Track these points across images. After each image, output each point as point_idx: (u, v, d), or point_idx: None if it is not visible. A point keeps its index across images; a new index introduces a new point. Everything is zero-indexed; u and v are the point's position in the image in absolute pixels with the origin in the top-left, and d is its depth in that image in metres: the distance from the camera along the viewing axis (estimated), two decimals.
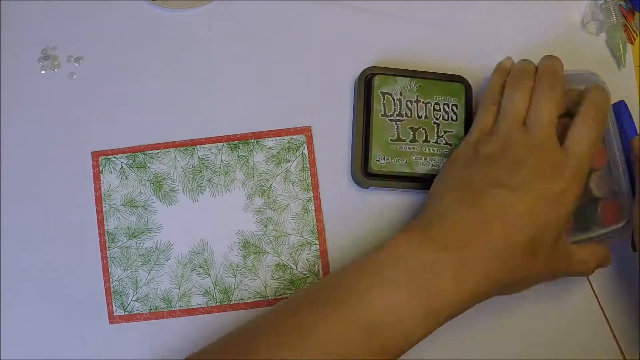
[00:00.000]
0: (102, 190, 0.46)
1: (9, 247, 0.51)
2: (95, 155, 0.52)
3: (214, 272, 0.47)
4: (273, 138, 0.46)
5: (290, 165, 0.47)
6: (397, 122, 0.52)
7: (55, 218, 0.51)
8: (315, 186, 0.48)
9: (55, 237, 0.51)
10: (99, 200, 0.51)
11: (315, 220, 0.48)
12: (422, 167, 0.51)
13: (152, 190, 0.46)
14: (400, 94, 0.52)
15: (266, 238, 0.47)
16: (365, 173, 0.51)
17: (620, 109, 0.51)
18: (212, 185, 0.47)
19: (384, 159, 0.51)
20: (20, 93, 0.53)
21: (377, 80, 0.52)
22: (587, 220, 0.50)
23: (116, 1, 0.55)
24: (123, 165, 0.46)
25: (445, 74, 0.54)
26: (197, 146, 0.47)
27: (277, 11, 0.56)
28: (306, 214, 0.48)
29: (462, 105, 0.53)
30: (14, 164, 0.52)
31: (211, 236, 0.48)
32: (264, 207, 0.47)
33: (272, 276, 0.47)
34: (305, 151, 0.45)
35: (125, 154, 0.47)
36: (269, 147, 0.47)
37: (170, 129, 0.53)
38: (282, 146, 0.47)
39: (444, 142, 0.52)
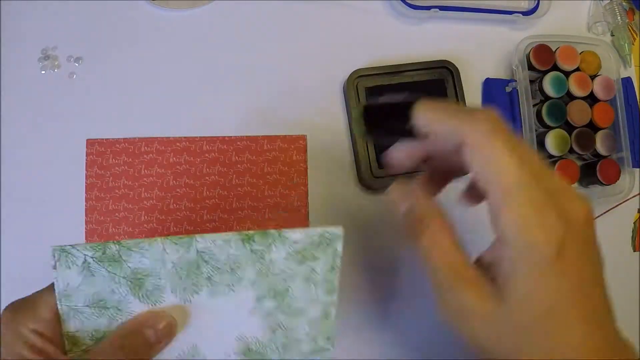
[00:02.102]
0: (57, 289, 0.34)
1: (9, 246, 0.51)
2: (90, 142, 0.52)
3: None
4: (300, 231, 0.36)
5: (317, 264, 0.37)
6: None
7: (49, 209, 0.52)
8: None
9: (48, 224, 0.51)
10: (88, 187, 0.51)
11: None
12: None
13: (129, 289, 0.34)
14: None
15: (272, 345, 0.38)
16: (374, 176, 0.52)
17: (628, 83, 0.57)
18: (211, 284, 0.36)
19: None
20: (20, 93, 0.53)
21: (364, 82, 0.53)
22: (589, 177, 0.56)
23: (116, 1, 0.55)
24: (87, 258, 0.34)
25: (430, 61, 0.55)
26: (197, 237, 0.35)
27: (276, 11, 0.56)
28: (326, 319, 0.38)
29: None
30: (14, 163, 0.52)
31: (205, 341, 0.37)
32: (275, 311, 0.37)
33: None
34: (339, 248, 0.35)
35: (91, 245, 0.34)
36: (294, 242, 0.36)
37: (169, 129, 0.53)
38: (311, 240, 0.36)
39: None
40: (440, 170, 0.35)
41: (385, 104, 0.31)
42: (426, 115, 0.30)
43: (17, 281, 0.51)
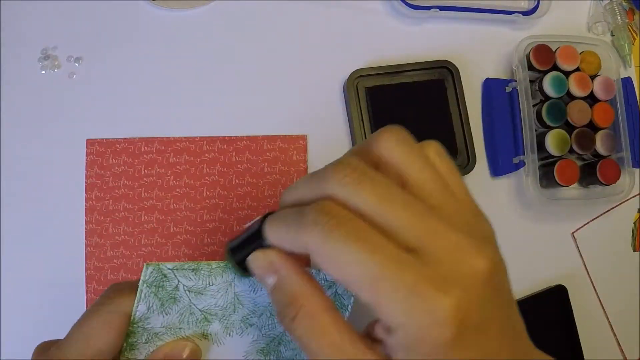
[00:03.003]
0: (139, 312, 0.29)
1: (9, 246, 0.51)
2: (90, 142, 0.52)
3: None
4: None
5: None
6: None
7: (49, 209, 0.52)
8: None
9: (48, 224, 0.51)
10: (88, 187, 0.51)
11: None
12: None
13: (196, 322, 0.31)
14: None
15: None
16: None
17: (628, 83, 0.57)
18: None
19: None
20: (20, 93, 0.53)
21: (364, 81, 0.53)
22: (589, 177, 0.55)
23: (116, 1, 0.55)
24: (180, 286, 0.30)
25: (430, 61, 0.55)
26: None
27: (277, 11, 0.56)
28: None
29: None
30: (14, 163, 0.52)
31: None
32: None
33: None
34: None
35: (184, 271, 0.30)
36: None
37: (169, 129, 0.53)
38: None
39: None
40: None
41: (244, 237, 0.28)
42: (272, 235, 0.26)
43: (17, 282, 0.51)
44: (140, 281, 0.29)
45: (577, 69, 0.56)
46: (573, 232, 0.57)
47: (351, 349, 0.24)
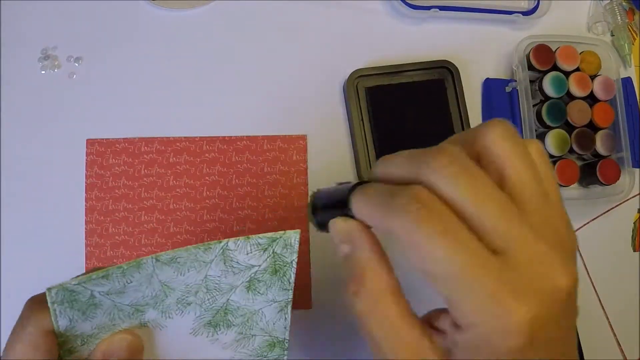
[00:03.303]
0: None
1: (9, 246, 0.51)
2: (90, 142, 0.52)
3: None
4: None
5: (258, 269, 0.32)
6: None
7: (49, 209, 0.52)
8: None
9: (48, 224, 0.51)
10: (88, 187, 0.52)
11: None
12: None
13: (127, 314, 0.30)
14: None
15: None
16: None
17: (628, 83, 0.57)
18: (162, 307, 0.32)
19: None
20: (20, 93, 0.53)
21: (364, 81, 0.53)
22: (589, 177, 0.55)
23: (116, 1, 0.55)
24: (95, 293, 0.29)
25: (430, 61, 0.55)
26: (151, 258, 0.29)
27: (276, 11, 0.56)
28: (282, 314, 0.34)
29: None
30: (14, 163, 0.52)
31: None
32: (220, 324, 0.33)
33: None
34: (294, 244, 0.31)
35: (95, 278, 0.28)
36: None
37: (169, 129, 0.53)
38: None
39: None
40: None
41: (330, 200, 0.28)
42: (359, 209, 0.26)
43: (17, 281, 0.51)
44: (49, 303, 0.28)
45: (577, 69, 0.56)
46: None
47: (409, 334, 0.24)
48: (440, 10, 0.56)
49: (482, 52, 0.58)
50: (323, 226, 0.28)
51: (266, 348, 0.34)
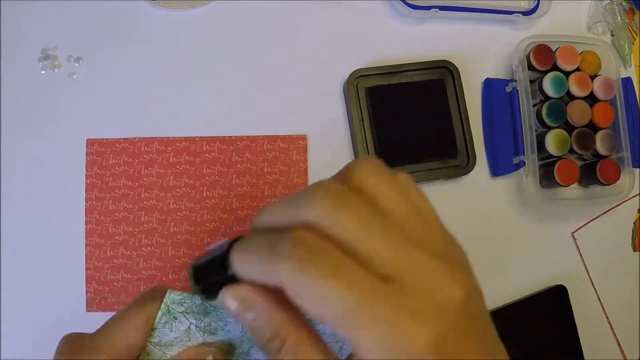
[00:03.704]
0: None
1: (9, 246, 0.51)
2: (90, 142, 0.52)
3: None
4: None
5: None
6: None
7: (49, 209, 0.52)
8: None
9: (48, 224, 0.51)
10: (88, 187, 0.51)
11: None
12: None
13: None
14: None
15: None
16: None
17: (628, 83, 0.57)
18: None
19: None
20: (20, 93, 0.53)
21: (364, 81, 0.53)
22: (589, 177, 0.55)
23: (116, 1, 0.55)
24: (192, 326, 0.30)
25: (430, 61, 0.55)
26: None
27: (277, 11, 0.56)
28: None
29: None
30: (14, 163, 0.52)
31: None
32: None
33: None
34: None
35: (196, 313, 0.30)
36: None
37: (169, 129, 0.53)
38: None
39: None
40: None
41: (209, 263, 0.27)
42: (241, 270, 0.24)
43: (17, 281, 0.51)
44: (164, 300, 0.29)
45: (577, 69, 0.56)
46: (573, 232, 0.57)
47: None
48: (440, 10, 0.56)
49: (482, 52, 0.58)
50: (213, 295, 0.26)
51: None
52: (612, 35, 0.60)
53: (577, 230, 0.57)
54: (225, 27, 0.55)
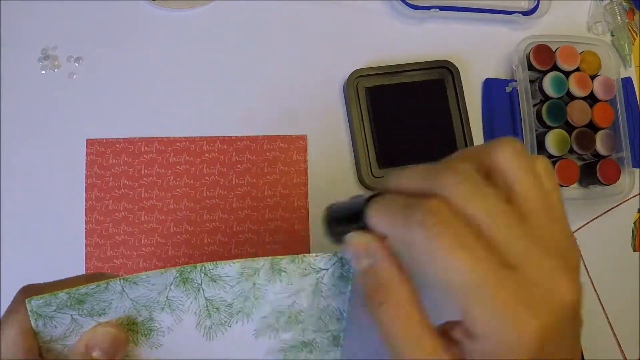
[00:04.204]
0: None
1: (9, 246, 0.51)
2: (90, 142, 0.52)
3: None
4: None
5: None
6: None
7: (49, 209, 0.52)
8: None
9: (48, 224, 0.51)
10: (88, 187, 0.52)
11: None
12: None
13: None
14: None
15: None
16: (374, 176, 0.52)
17: (628, 83, 0.57)
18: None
19: None
20: (20, 93, 0.53)
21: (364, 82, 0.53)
22: (589, 177, 0.55)
23: (116, 1, 0.55)
24: (75, 316, 0.29)
25: (430, 61, 0.55)
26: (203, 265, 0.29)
27: (277, 11, 0.56)
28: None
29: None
30: (14, 163, 0.52)
31: None
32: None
33: None
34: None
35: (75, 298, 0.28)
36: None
37: (169, 129, 0.53)
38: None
39: None
40: None
41: (345, 213, 0.29)
42: (376, 221, 0.26)
43: (17, 281, 0.51)
44: (28, 310, 0.28)
45: (577, 69, 0.56)
46: (573, 232, 0.57)
47: (430, 344, 0.25)
48: (440, 10, 0.56)
49: (482, 52, 0.58)
50: (339, 239, 0.28)
51: None
52: (612, 35, 0.60)
53: (577, 230, 0.57)
54: (225, 27, 0.55)
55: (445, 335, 0.26)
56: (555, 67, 0.55)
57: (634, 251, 0.51)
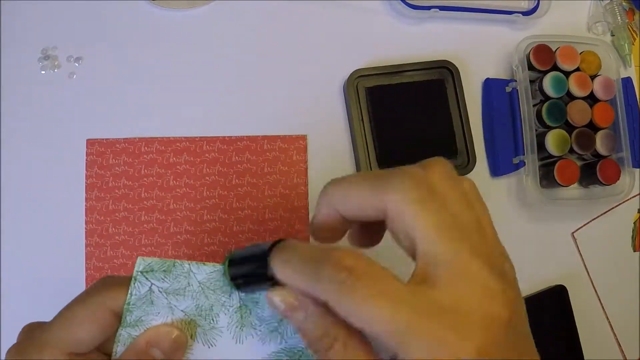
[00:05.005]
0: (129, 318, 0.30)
1: (9, 245, 0.51)
2: (90, 142, 0.52)
3: None
4: None
5: None
6: None
7: (49, 209, 0.52)
8: None
9: (48, 224, 0.51)
10: (88, 187, 0.52)
11: None
12: None
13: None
14: None
15: None
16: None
17: (628, 83, 0.57)
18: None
19: None
20: (20, 93, 0.53)
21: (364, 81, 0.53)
22: (589, 177, 0.55)
23: (116, 1, 0.55)
24: (153, 287, 0.30)
25: (430, 61, 0.55)
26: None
27: (276, 11, 0.56)
28: None
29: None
30: (14, 163, 0.52)
31: None
32: None
33: None
34: None
35: (160, 267, 0.30)
36: None
37: (169, 129, 0.53)
38: None
39: None
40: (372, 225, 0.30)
41: (248, 254, 0.28)
42: (285, 279, 0.26)
43: (17, 281, 0.51)
44: (136, 271, 0.29)
45: (577, 69, 0.56)
46: (573, 232, 0.57)
47: None
48: (440, 10, 0.56)
49: (482, 52, 0.58)
50: (242, 285, 0.28)
51: None
52: (612, 35, 0.60)
53: (577, 230, 0.57)
54: (225, 27, 0.55)
55: None
56: (555, 67, 0.55)
57: (634, 251, 0.51)
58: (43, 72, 0.54)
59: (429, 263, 0.24)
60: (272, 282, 0.26)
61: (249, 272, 0.28)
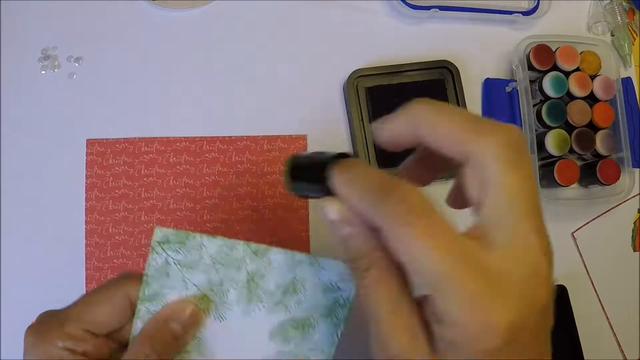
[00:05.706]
0: (148, 290, 0.31)
1: (9, 245, 0.51)
2: (90, 142, 0.52)
3: None
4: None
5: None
6: None
7: (49, 209, 0.52)
8: None
9: (48, 224, 0.51)
10: (88, 187, 0.52)
11: None
12: None
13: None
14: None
15: None
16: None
17: (628, 83, 0.57)
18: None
19: None
20: (21, 93, 0.53)
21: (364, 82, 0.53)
22: (589, 177, 0.55)
23: (116, 1, 0.55)
24: (169, 259, 0.31)
25: (430, 61, 0.55)
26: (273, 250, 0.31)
27: (276, 11, 0.56)
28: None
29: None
30: (14, 163, 0.52)
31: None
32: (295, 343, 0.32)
33: None
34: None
35: (175, 238, 0.31)
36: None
37: (169, 129, 0.53)
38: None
39: None
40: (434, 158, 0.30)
41: (312, 159, 0.28)
42: (346, 198, 0.26)
43: (17, 281, 0.51)
44: (155, 241, 0.30)
45: (577, 69, 0.56)
46: (573, 232, 0.57)
47: (407, 315, 0.25)
48: (440, 10, 0.56)
49: (482, 52, 0.58)
50: (298, 193, 0.29)
51: None
52: (612, 35, 0.60)
53: (577, 230, 0.57)
54: (225, 27, 0.55)
55: (422, 306, 0.26)
56: (555, 67, 0.55)
57: (634, 251, 0.51)
58: (43, 72, 0.54)
59: (491, 225, 0.24)
60: (325, 192, 0.26)
61: (308, 176, 0.28)
